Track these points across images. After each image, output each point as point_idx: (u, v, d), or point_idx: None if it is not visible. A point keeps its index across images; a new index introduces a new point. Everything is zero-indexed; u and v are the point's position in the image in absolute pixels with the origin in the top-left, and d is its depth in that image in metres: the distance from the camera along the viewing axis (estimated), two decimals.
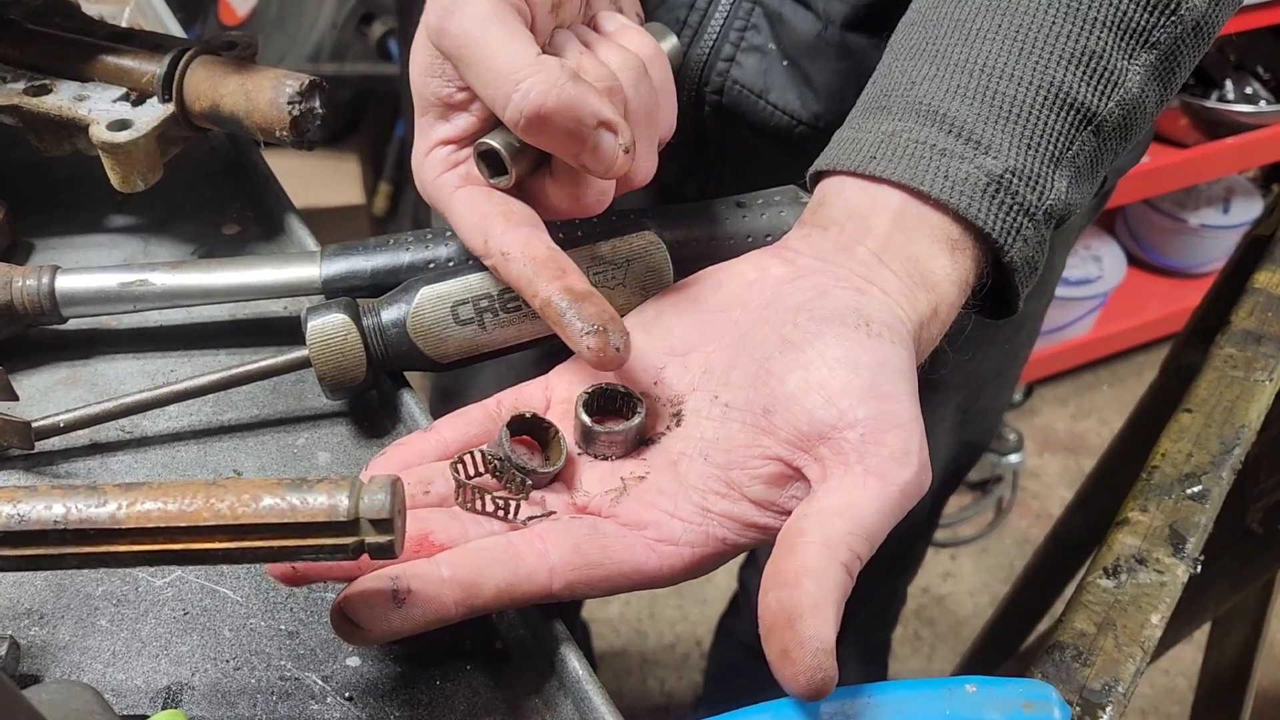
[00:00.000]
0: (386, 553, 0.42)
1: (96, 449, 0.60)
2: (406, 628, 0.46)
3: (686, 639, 2.04)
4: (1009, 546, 2.26)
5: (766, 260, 0.54)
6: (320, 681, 0.50)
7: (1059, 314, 2.34)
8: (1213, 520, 0.75)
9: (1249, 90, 2.26)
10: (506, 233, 0.53)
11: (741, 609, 1.55)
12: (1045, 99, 0.52)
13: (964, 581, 2.20)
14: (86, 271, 0.63)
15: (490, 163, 0.56)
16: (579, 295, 0.51)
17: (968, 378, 1.03)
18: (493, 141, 0.55)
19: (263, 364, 0.60)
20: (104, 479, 0.59)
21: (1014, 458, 2.35)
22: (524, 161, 0.55)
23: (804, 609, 0.42)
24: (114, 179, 0.67)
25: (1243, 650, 1.23)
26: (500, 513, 0.50)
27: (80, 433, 0.60)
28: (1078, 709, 0.62)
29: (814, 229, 0.54)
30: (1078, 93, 0.52)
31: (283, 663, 0.51)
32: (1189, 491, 0.76)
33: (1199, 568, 0.72)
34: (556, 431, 0.53)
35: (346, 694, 0.50)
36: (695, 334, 0.54)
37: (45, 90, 0.68)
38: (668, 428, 0.53)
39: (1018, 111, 0.52)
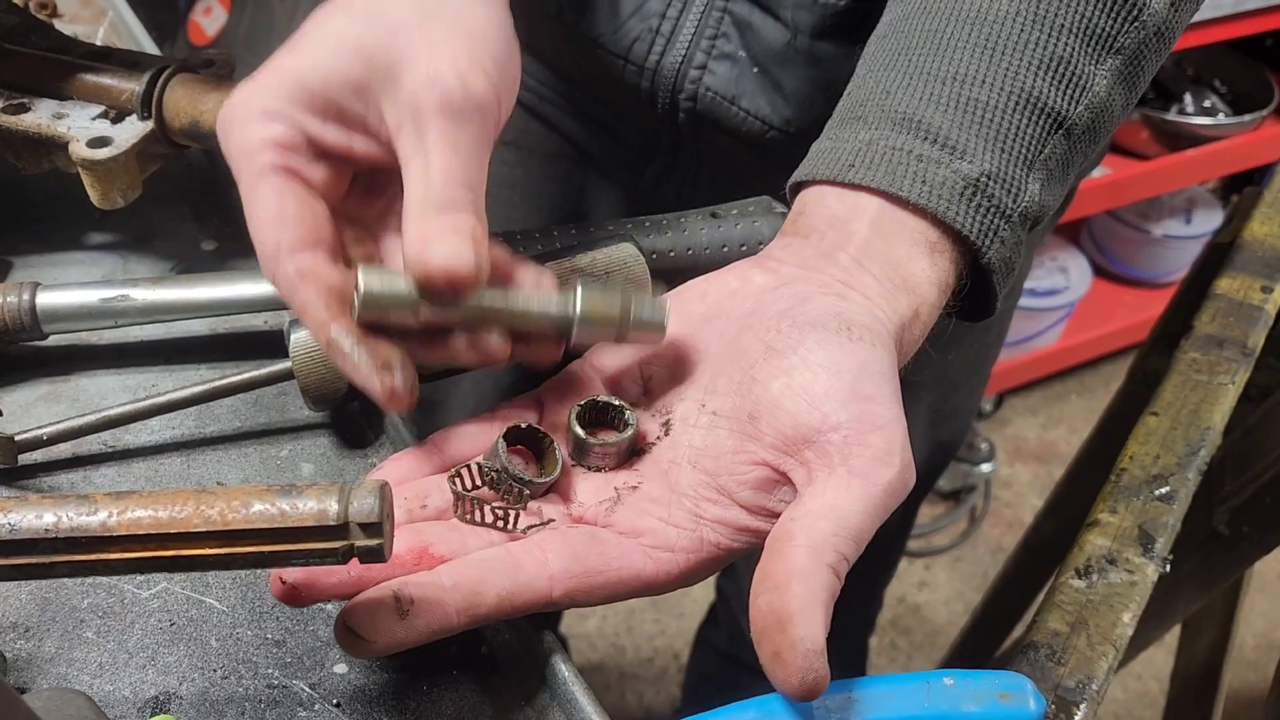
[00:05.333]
0: (375, 556, 0.42)
1: (79, 462, 0.60)
2: (411, 638, 0.46)
3: (664, 653, 2.04)
4: (983, 555, 2.29)
5: (749, 270, 0.55)
6: (308, 689, 0.51)
7: (1027, 324, 2.37)
8: (1180, 520, 0.76)
9: (1207, 104, 2.31)
10: (304, 249, 0.49)
11: (720, 618, 1.55)
12: (1017, 104, 0.53)
13: (939, 590, 2.22)
14: (67, 288, 0.64)
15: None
16: (364, 336, 0.49)
17: (940, 377, 1.04)
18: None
19: (245, 376, 0.60)
20: (88, 492, 0.59)
21: (986, 467, 2.38)
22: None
23: (793, 611, 0.43)
24: (93, 196, 0.67)
25: (1212, 652, 1.24)
26: (499, 523, 0.51)
27: (63, 446, 0.60)
28: (1053, 707, 0.63)
29: (795, 238, 0.55)
30: (1048, 97, 0.53)
31: (270, 671, 0.51)
32: (1157, 493, 0.77)
33: (1168, 567, 0.73)
34: (551, 441, 0.53)
35: (334, 701, 0.50)
36: (682, 344, 0.55)
37: (23, 108, 0.68)
38: (658, 438, 0.53)
39: (991, 117, 0.53)
